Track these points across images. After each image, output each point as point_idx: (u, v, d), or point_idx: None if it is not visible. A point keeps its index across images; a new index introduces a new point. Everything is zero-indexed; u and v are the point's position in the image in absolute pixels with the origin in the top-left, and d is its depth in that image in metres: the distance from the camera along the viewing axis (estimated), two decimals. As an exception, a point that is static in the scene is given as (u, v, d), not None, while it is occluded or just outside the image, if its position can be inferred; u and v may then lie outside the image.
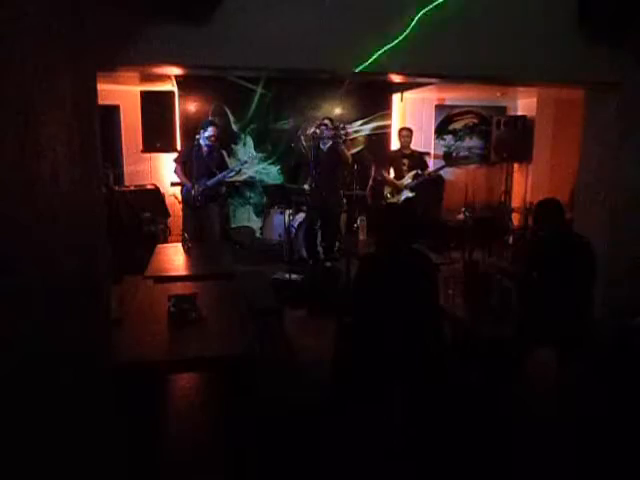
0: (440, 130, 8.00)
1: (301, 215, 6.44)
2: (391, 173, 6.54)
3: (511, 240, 6.89)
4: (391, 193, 6.36)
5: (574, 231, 3.37)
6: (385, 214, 3.17)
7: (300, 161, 6.82)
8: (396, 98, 7.55)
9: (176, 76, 6.11)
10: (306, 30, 3.18)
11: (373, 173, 7.02)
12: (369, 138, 7.44)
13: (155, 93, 6.87)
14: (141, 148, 6.98)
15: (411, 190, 6.22)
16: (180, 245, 4.33)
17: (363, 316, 2.78)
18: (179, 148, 6.72)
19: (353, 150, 7.24)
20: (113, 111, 6.92)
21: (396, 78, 3.82)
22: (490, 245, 6.16)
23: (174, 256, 4.14)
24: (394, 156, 6.57)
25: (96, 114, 2.10)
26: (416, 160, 6.41)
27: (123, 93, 6.87)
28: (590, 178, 4.11)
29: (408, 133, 6.44)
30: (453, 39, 3.38)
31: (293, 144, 7.20)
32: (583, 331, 2.90)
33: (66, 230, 1.63)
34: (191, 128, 6.46)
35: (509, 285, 3.12)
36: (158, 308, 2.75)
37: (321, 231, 6.09)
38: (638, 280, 3.83)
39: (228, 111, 7.03)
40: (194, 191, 5.30)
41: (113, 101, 6.87)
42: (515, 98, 8.00)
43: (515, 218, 7.35)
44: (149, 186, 6.69)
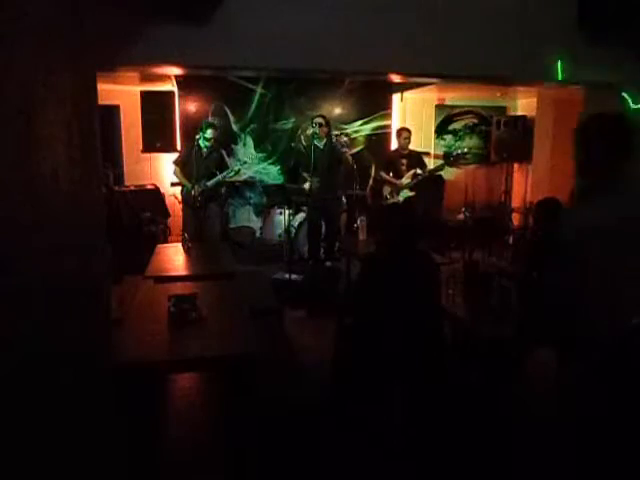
0: (440, 130, 8.00)
1: (301, 215, 6.43)
2: (390, 173, 6.54)
3: (511, 240, 6.89)
4: (391, 193, 6.36)
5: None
6: (385, 214, 3.17)
7: (300, 161, 6.82)
8: (396, 98, 7.55)
9: (176, 76, 6.12)
10: (306, 30, 3.18)
11: (373, 173, 7.02)
12: (369, 138, 7.44)
13: (155, 93, 6.88)
14: (141, 148, 6.99)
15: (410, 189, 6.22)
16: (180, 245, 4.33)
17: (363, 316, 2.78)
18: (179, 148, 6.73)
19: (353, 150, 7.25)
20: (113, 111, 6.93)
21: (396, 78, 3.83)
22: (490, 245, 6.17)
23: (174, 256, 4.14)
24: (393, 156, 6.57)
25: (96, 114, 2.09)
26: (414, 159, 6.40)
27: (123, 93, 6.88)
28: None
29: (407, 134, 6.42)
30: (453, 39, 3.38)
31: (293, 144, 7.19)
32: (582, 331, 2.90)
33: (66, 230, 1.63)
34: (191, 128, 6.47)
35: (509, 285, 3.12)
36: (158, 308, 2.75)
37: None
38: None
39: (228, 111, 7.03)
40: (194, 191, 5.33)
41: (113, 101, 6.88)
42: (515, 98, 8.00)
43: (515, 218, 7.35)
44: (149, 186, 6.70)
